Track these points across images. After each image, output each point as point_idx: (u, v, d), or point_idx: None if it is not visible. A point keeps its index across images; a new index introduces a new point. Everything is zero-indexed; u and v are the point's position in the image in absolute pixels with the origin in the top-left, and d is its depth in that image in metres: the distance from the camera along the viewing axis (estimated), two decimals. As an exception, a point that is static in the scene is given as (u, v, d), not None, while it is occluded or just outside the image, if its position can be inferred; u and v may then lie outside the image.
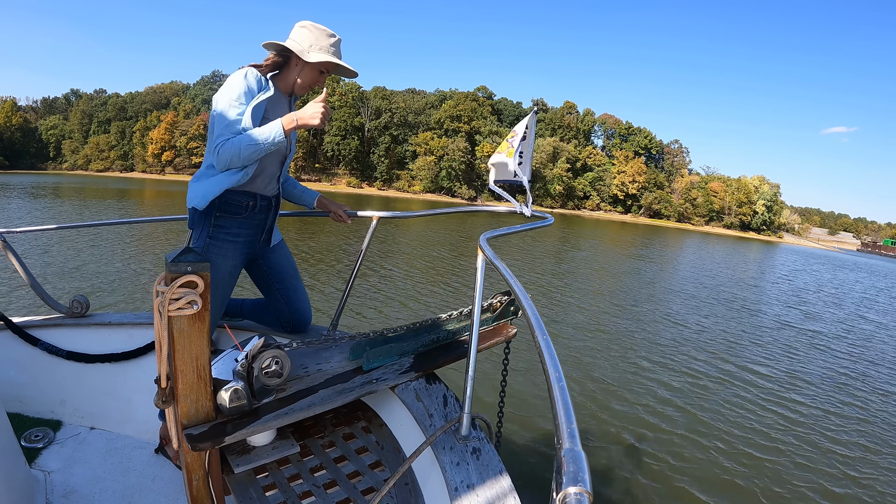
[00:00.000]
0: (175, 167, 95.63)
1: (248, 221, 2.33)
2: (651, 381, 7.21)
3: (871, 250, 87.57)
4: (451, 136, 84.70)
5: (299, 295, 2.63)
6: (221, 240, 2.26)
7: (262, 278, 2.59)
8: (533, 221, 2.47)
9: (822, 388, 7.98)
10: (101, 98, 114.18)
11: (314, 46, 2.23)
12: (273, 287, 2.59)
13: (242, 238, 2.33)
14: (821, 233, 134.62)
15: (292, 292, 2.61)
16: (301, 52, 2.22)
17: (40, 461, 2.42)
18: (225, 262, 2.27)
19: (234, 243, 2.29)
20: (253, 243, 2.41)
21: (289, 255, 2.65)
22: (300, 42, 2.24)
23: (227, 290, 2.36)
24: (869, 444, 6.11)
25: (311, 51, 2.23)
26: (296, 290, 2.62)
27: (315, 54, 2.23)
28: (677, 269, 22.93)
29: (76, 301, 2.82)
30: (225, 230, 2.26)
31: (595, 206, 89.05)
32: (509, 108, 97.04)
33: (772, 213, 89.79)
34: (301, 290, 2.65)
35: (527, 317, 1.26)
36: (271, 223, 2.48)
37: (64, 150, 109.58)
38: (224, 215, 2.25)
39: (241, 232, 2.31)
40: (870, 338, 12.72)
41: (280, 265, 2.58)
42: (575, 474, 0.67)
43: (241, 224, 2.31)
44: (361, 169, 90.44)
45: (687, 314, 12.38)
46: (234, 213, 2.27)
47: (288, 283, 2.59)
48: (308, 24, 2.26)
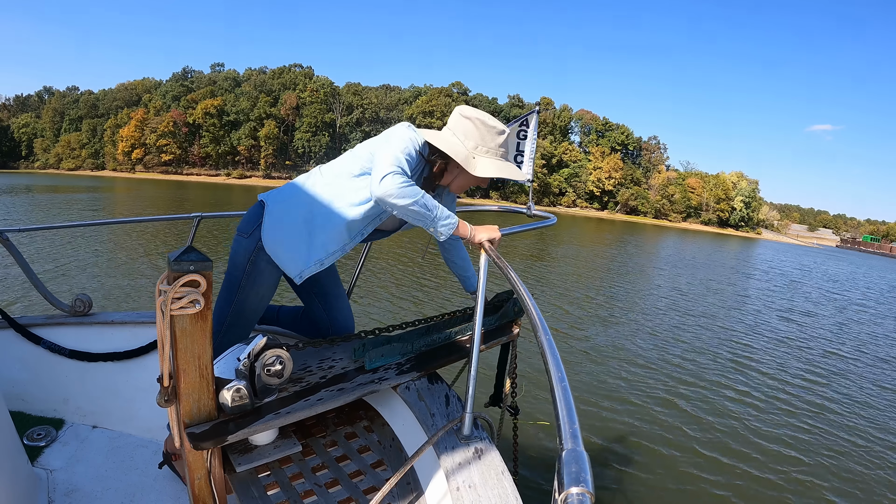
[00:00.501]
0: (145, 165, 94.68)
1: None
2: (654, 381, 7.26)
3: (850, 246, 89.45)
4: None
5: (340, 303, 2.43)
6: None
7: (300, 283, 2.36)
8: (536, 221, 2.49)
9: (835, 387, 8.11)
10: (73, 95, 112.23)
11: (480, 148, 1.96)
12: (311, 293, 2.39)
13: None
14: (800, 229, 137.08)
15: (332, 300, 2.40)
16: (467, 163, 1.94)
17: (43, 459, 2.41)
18: (274, 271, 2.08)
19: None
20: None
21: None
22: (462, 139, 1.96)
23: (269, 298, 2.17)
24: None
25: (478, 154, 1.96)
26: (336, 298, 2.41)
27: (483, 162, 1.95)
28: (675, 267, 23.19)
29: (79, 300, 2.81)
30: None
31: (571, 202, 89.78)
32: (484, 105, 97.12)
33: (750, 210, 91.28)
34: (342, 297, 2.44)
35: (530, 316, 1.27)
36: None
37: (36, 148, 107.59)
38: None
39: None
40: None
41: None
42: (577, 474, 0.68)
43: None
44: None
45: (687, 314, 12.51)
46: None
47: (328, 290, 2.39)
48: (473, 116, 1.97)
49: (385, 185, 1.73)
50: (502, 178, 2.36)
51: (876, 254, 77.13)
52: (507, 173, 1.98)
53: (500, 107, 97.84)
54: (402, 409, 1.96)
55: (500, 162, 1.98)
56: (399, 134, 1.92)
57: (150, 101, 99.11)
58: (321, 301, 2.40)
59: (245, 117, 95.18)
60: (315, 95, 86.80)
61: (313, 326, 2.47)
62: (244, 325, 2.13)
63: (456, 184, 2.09)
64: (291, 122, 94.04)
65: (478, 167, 1.95)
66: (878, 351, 11.05)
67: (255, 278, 2.05)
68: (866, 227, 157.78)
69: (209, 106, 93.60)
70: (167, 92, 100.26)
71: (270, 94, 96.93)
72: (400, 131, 1.93)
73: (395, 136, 1.91)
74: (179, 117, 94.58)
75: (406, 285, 11.79)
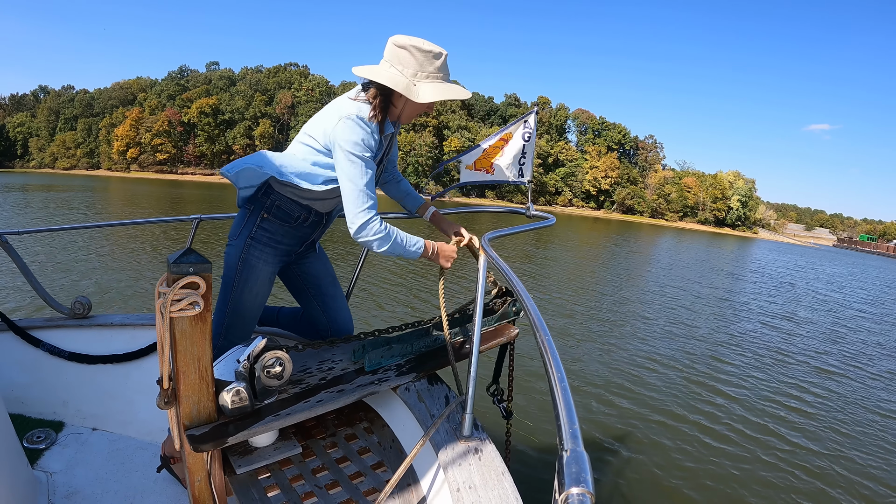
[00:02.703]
0: (140, 164, 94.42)
1: (293, 232, 2.19)
2: (655, 381, 7.26)
3: (846, 246, 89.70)
4: (418, 130, 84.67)
5: (338, 303, 2.45)
6: (265, 243, 2.12)
7: (296, 285, 2.43)
8: (535, 221, 2.49)
9: (839, 393, 8.11)
10: (68, 95, 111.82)
11: (420, 74, 1.92)
12: (308, 294, 2.42)
13: (284, 246, 2.19)
14: (797, 228, 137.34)
15: (329, 300, 2.43)
16: (408, 91, 1.91)
17: (42, 462, 2.41)
18: (265, 267, 2.13)
19: (275, 249, 2.16)
20: (291, 253, 2.27)
21: (325, 261, 2.48)
22: (400, 69, 1.93)
23: (264, 296, 2.21)
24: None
25: (418, 81, 1.93)
26: (333, 298, 2.44)
27: (424, 88, 1.93)
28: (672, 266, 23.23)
29: (78, 302, 2.81)
30: (269, 234, 2.12)
31: (567, 201, 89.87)
32: (481, 103, 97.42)
33: (747, 209, 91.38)
34: (340, 297, 2.47)
35: (529, 317, 1.26)
36: (317, 237, 2.35)
37: (31, 147, 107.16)
38: (272, 219, 2.10)
39: (284, 240, 2.18)
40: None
41: (316, 270, 2.42)
42: (577, 475, 0.69)
43: (287, 233, 2.17)
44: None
45: (686, 313, 12.54)
46: (283, 220, 2.12)
47: (325, 291, 2.42)
48: (408, 44, 1.91)
49: (364, 236, 1.92)
50: (499, 181, 2.37)
51: (873, 253, 77.37)
52: (451, 95, 1.96)
53: (497, 106, 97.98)
54: (402, 410, 1.96)
55: (442, 85, 1.96)
56: (351, 142, 1.91)
57: (145, 100, 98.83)
58: (319, 302, 2.42)
59: (240, 116, 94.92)
60: (310, 94, 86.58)
61: (312, 327, 2.49)
62: (243, 325, 2.15)
63: (405, 115, 2.08)
64: (287, 122, 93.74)
65: (420, 94, 1.92)
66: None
67: (247, 275, 2.09)
68: (863, 226, 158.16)
69: (204, 105, 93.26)
70: (162, 91, 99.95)
71: (266, 93, 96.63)
72: (347, 133, 1.92)
73: (350, 148, 1.91)
74: (174, 116, 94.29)
75: (406, 286, 11.79)
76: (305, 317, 2.50)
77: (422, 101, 1.92)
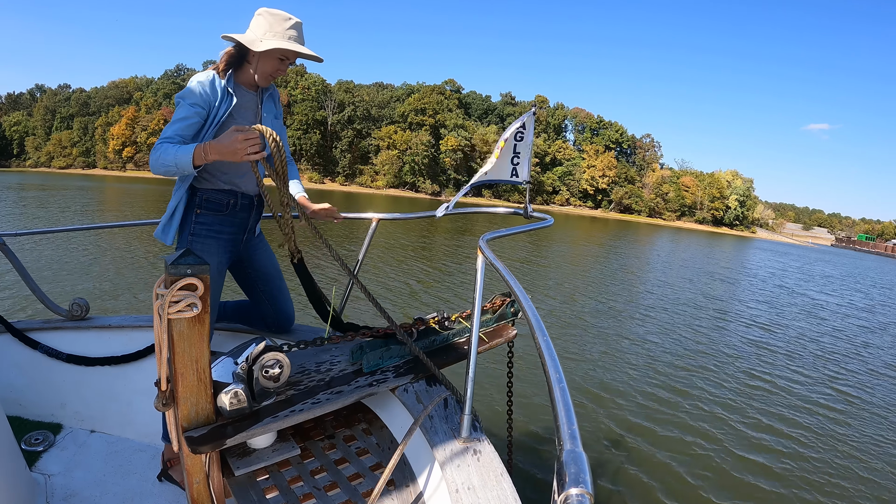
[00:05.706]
0: (136, 163, 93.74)
1: (230, 219, 2.29)
2: (655, 381, 7.26)
3: (845, 245, 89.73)
4: (415, 129, 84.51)
5: (283, 295, 2.63)
6: (204, 236, 2.23)
7: (246, 280, 2.57)
8: (533, 222, 2.48)
9: (841, 391, 8.11)
10: (64, 93, 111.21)
11: (268, 34, 2.08)
12: (258, 289, 2.57)
13: (226, 235, 2.29)
14: (795, 228, 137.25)
15: (276, 293, 2.60)
16: (251, 43, 2.07)
17: (41, 464, 2.41)
18: (211, 258, 2.22)
19: (217, 240, 2.26)
20: (237, 241, 2.37)
21: (272, 257, 2.63)
22: (254, 31, 2.10)
23: (217, 290, 2.33)
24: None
25: (265, 38, 2.07)
26: (280, 291, 2.61)
27: (266, 42, 2.06)
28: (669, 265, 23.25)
29: (76, 304, 2.81)
30: (207, 227, 2.23)
31: (564, 200, 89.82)
32: (478, 102, 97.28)
33: (745, 209, 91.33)
34: (285, 290, 2.64)
35: (527, 318, 1.26)
36: (254, 223, 2.43)
37: (27, 146, 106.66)
38: (205, 212, 2.22)
39: (224, 229, 2.28)
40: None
41: (265, 267, 2.56)
42: (576, 475, 0.69)
43: (224, 221, 2.27)
44: (324, 164, 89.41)
45: (686, 312, 12.55)
46: (216, 211, 2.24)
47: (273, 285, 2.58)
48: (263, 10, 2.11)
49: (151, 157, 2.03)
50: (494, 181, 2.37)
51: (871, 252, 77.49)
52: (291, 46, 2.09)
53: (494, 105, 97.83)
54: (400, 411, 1.95)
55: (284, 41, 2.09)
56: (182, 91, 2.12)
57: (141, 99, 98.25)
58: (268, 296, 2.59)
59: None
60: (306, 93, 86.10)
61: (260, 320, 2.65)
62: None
63: (259, 71, 2.18)
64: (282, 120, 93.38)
65: (261, 45, 2.06)
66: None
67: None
68: (861, 226, 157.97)
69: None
70: (159, 90, 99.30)
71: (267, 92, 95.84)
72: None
73: (178, 95, 2.12)
74: (171, 115, 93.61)
75: (406, 286, 11.79)
76: (254, 310, 2.66)
77: (259, 49, 2.05)
